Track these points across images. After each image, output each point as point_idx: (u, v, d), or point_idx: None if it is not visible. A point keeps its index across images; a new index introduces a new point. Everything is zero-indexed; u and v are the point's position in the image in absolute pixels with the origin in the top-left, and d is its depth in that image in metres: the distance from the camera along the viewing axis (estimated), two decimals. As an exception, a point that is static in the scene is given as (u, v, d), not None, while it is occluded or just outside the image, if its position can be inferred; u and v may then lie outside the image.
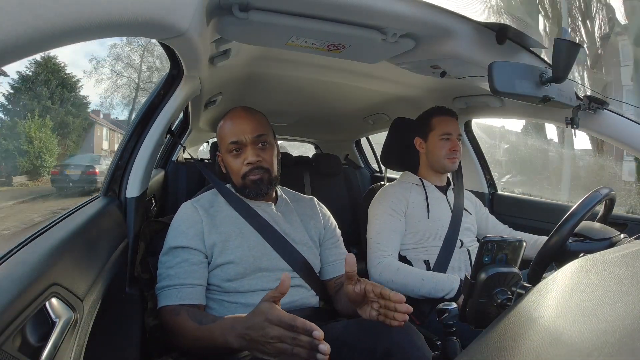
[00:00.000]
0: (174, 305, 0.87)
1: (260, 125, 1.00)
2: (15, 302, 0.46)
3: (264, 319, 0.66)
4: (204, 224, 0.96)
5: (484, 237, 0.69)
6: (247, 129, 0.98)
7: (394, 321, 0.75)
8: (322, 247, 1.10)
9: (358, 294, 0.79)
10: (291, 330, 0.64)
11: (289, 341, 0.64)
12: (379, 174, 2.60)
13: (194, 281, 0.90)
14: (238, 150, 0.99)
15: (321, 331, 0.63)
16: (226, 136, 1.00)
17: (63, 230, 0.68)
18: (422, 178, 1.41)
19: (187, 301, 0.87)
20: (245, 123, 0.99)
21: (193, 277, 0.90)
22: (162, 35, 0.67)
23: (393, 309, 0.75)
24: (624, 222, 1.28)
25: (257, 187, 0.99)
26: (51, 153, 12.45)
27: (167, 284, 0.89)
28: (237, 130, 0.99)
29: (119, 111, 18.34)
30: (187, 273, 0.90)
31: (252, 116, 1.02)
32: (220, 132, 1.03)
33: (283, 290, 0.68)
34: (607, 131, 1.16)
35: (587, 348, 0.29)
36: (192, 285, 0.89)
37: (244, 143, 0.98)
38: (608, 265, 0.46)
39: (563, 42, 0.83)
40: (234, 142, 0.98)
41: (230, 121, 1.01)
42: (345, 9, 0.80)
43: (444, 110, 1.39)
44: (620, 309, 0.33)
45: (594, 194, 0.87)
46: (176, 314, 0.85)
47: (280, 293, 0.68)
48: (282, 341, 0.64)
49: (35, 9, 0.33)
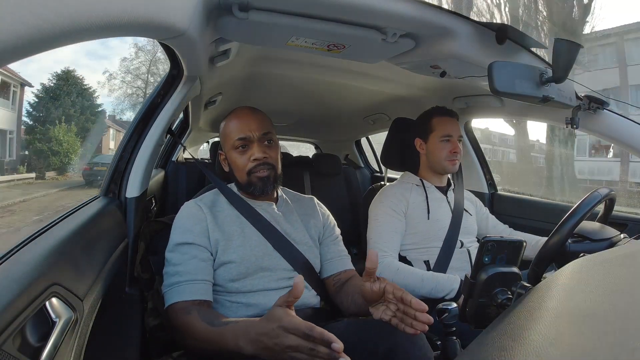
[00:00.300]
0: (185, 303, 0.84)
1: (267, 123, 1.02)
2: (15, 302, 0.46)
3: (279, 325, 0.63)
4: (208, 221, 0.96)
5: (484, 237, 0.69)
6: (254, 126, 0.99)
7: (411, 329, 0.72)
8: (321, 244, 1.10)
9: (375, 293, 0.77)
10: (308, 340, 0.61)
11: (306, 351, 0.61)
12: (379, 174, 2.60)
13: (205, 277, 0.89)
14: (244, 147, 0.99)
15: (341, 343, 0.59)
16: (232, 133, 1.00)
17: (63, 230, 0.68)
18: (422, 179, 1.41)
19: (199, 297, 0.86)
20: (252, 120, 1.00)
21: (204, 273, 0.89)
22: (162, 35, 0.67)
23: (412, 317, 0.72)
24: (624, 222, 1.28)
25: (264, 184, 0.99)
26: (76, 153, 15.38)
27: (177, 280, 0.87)
28: (244, 127, 0.99)
29: (126, 114, 19.83)
30: (197, 269, 0.89)
31: (258, 114, 1.03)
32: (225, 129, 1.03)
33: (296, 294, 0.64)
34: (607, 131, 1.16)
35: (587, 348, 0.29)
36: (203, 281, 0.88)
37: (251, 140, 0.99)
38: (608, 266, 0.46)
39: (563, 42, 0.83)
40: (241, 139, 0.98)
41: (236, 119, 1.02)
42: (345, 9, 0.80)
43: (445, 110, 1.38)
44: (620, 309, 0.33)
45: (593, 194, 0.87)
46: (187, 313, 0.82)
47: (294, 297, 0.64)
48: (298, 351, 0.61)
49: (35, 8, 0.33)
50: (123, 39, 17.07)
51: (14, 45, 0.32)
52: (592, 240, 0.94)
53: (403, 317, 0.74)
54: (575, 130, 1.13)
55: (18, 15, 0.31)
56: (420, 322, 0.71)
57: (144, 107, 1.09)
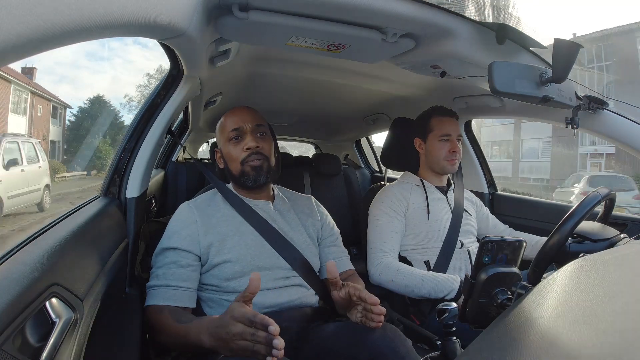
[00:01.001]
0: (158, 306, 0.88)
1: (259, 118, 1.07)
2: (15, 302, 0.46)
3: (230, 316, 0.67)
4: (199, 225, 0.96)
5: (484, 237, 0.69)
6: (247, 118, 1.04)
7: (373, 322, 0.79)
8: (320, 245, 1.10)
9: (343, 299, 0.82)
10: (251, 326, 0.64)
11: (248, 337, 0.64)
12: (379, 174, 2.60)
13: (180, 283, 0.91)
14: (238, 138, 1.03)
15: (277, 326, 0.63)
16: (227, 125, 1.05)
17: (63, 230, 0.68)
18: (422, 179, 1.41)
19: (170, 302, 0.88)
20: (246, 113, 1.05)
21: (179, 280, 0.91)
22: (162, 35, 0.67)
23: (370, 311, 0.78)
24: (624, 222, 1.28)
25: (257, 174, 1.01)
26: (110, 157, 17.45)
27: (155, 284, 0.91)
28: (237, 119, 1.04)
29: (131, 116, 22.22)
30: (173, 275, 0.91)
31: (251, 110, 1.08)
32: (221, 125, 1.08)
33: (252, 290, 0.68)
34: (607, 131, 1.16)
35: (586, 348, 0.29)
36: (177, 287, 0.90)
37: (244, 130, 1.03)
38: (608, 266, 0.46)
39: (563, 42, 0.83)
40: (234, 130, 1.03)
41: (231, 113, 1.07)
42: (345, 9, 0.80)
43: (444, 110, 1.38)
44: (620, 309, 0.33)
45: (593, 195, 0.87)
46: (159, 312, 0.87)
47: (250, 293, 0.68)
48: (243, 338, 0.65)
49: (34, 8, 0.33)
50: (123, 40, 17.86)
51: (14, 45, 0.32)
52: (592, 241, 0.94)
53: (365, 313, 0.80)
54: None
55: (18, 15, 0.31)
56: (376, 314, 0.78)
57: (143, 107, 1.09)
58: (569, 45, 0.83)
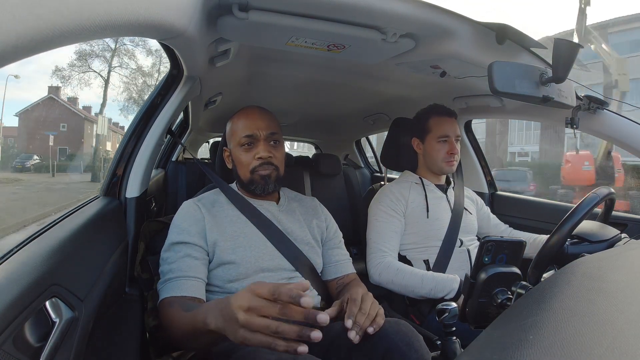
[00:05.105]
0: (172, 298, 0.85)
1: (274, 124, 1.03)
2: (15, 302, 0.46)
3: (247, 288, 0.60)
4: (206, 221, 0.96)
5: (484, 237, 0.69)
6: (262, 125, 1.00)
7: (370, 328, 0.79)
8: (324, 247, 1.10)
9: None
10: (273, 301, 0.57)
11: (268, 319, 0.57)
12: (379, 174, 2.59)
13: (196, 274, 0.89)
14: (250, 145, 1.00)
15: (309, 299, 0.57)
16: (240, 130, 1.01)
17: (63, 231, 0.68)
18: (421, 177, 1.40)
19: (188, 293, 0.86)
20: (260, 119, 1.01)
21: (195, 271, 0.89)
22: (162, 35, 0.67)
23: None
24: (624, 222, 1.28)
25: (265, 183, 1.00)
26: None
27: (169, 277, 0.88)
28: (251, 125, 1.00)
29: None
30: (189, 267, 0.89)
31: (267, 114, 1.04)
32: (233, 126, 1.04)
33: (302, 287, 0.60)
34: (607, 131, 1.16)
35: (586, 348, 0.29)
36: (194, 278, 0.88)
37: (257, 138, 1.00)
38: (608, 266, 0.46)
39: (563, 42, 0.83)
40: (247, 136, 1.00)
41: (245, 116, 1.03)
42: (345, 9, 0.80)
43: (443, 110, 1.37)
44: (620, 309, 0.33)
45: (593, 195, 0.86)
46: (170, 306, 0.83)
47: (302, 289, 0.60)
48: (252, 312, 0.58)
49: (34, 8, 0.33)
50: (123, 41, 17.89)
51: (14, 45, 0.32)
52: (590, 242, 0.94)
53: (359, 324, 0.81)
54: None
55: (18, 15, 0.31)
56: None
57: (144, 107, 1.09)
58: (569, 45, 0.83)
